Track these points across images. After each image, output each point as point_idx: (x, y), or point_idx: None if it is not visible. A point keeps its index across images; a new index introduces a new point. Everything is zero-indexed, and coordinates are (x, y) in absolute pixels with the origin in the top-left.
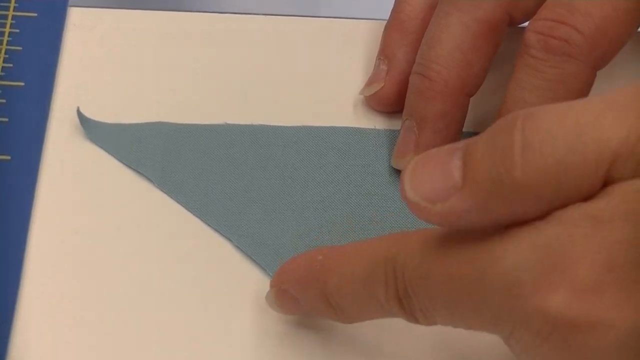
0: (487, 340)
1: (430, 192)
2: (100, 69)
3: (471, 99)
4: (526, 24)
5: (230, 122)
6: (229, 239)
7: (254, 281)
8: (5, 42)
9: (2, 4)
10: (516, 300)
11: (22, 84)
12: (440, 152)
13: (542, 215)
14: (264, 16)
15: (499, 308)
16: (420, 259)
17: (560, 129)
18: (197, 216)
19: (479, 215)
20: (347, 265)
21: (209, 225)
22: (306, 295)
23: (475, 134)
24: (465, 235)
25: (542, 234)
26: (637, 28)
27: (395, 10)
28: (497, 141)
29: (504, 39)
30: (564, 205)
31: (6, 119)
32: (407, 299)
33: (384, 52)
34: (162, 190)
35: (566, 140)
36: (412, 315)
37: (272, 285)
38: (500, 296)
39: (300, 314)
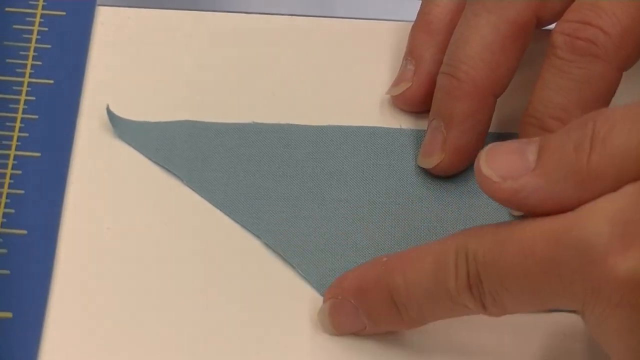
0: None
1: (504, 169)
2: (128, 67)
3: (497, 99)
4: (553, 25)
5: (257, 121)
6: (258, 237)
7: (283, 278)
8: (34, 41)
9: (30, 3)
10: (588, 266)
11: (52, 81)
12: (517, 141)
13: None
14: (291, 17)
15: (572, 277)
16: (493, 240)
17: (626, 122)
18: (225, 214)
19: (546, 195)
20: (415, 261)
21: (237, 222)
22: (368, 300)
23: (501, 135)
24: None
25: (614, 203)
26: None
27: (422, 12)
28: (571, 133)
29: (531, 41)
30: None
31: (36, 116)
32: (477, 285)
33: (412, 53)
34: (190, 188)
35: (631, 130)
36: (481, 303)
37: (327, 298)
38: (573, 264)
39: (355, 329)
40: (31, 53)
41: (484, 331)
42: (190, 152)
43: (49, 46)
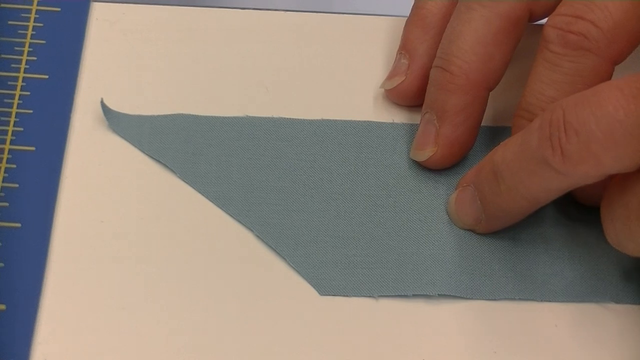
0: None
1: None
2: (122, 62)
3: (490, 93)
4: (545, 20)
5: (251, 115)
6: (250, 229)
7: (275, 270)
8: (29, 36)
9: None
10: None
11: (46, 76)
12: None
13: None
14: (284, 12)
15: None
16: (576, 98)
17: None
18: (218, 206)
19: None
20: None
21: (230, 215)
22: (480, 178)
23: (494, 128)
24: None
25: None
26: None
27: (416, 6)
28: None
29: (523, 35)
30: None
31: (30, 111)
32: (558, 134)
33: (405, 47)
34: (183, 181)
35: None
36: (561, 154)
37: (456, 189)
38: None
39: (473, 216)
40: (26, 48)
41: (476, 321)
42: (183, 145)
43: (44, 42)
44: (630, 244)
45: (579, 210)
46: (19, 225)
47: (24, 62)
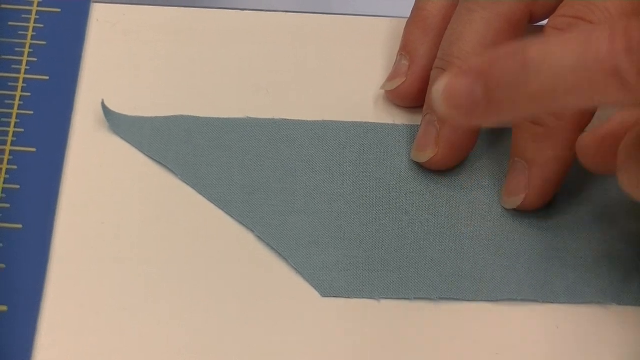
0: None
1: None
2: (123, 63)
3: None
4: (546, 21)
5: (251, 116)
6: (251, 230)
7: (276, 272)
8: (29, 37)
9: (26, 0)
10: None
11: (47, 77)
12: None
13: None
14: (285, 13)
15: None
16: None
17: None
18: (219, 207)
19: None
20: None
21: (231, 216)
22: (497, 68)
23: (495, 129)
24: None
25: None
26: None
27: (417, 7)
28: None
29: (524, 36)
30: None
31: (31, 112)
32: (639, 47)
33: (406, 48)
34: (185, 182)
35: None
36: (638, 70)
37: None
38: None
39: (469, 103)
40: (27, 49)
41: (477, 323)
42: (184, 146)
43: (45, 43)
44: None
45: (580, 211)
46: (20, 226)
47: (24, 63)
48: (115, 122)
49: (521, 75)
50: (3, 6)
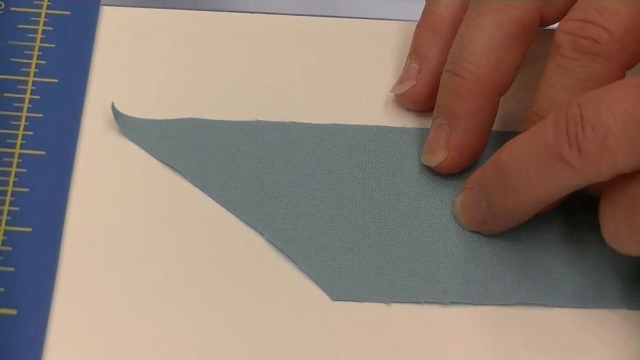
0: None
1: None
2: (132, 66)
3: (501, 98)
4: (556, 25)
5: (261, 119)
6: (261, 234)
7: (286, 275)
8: (38, 40)
9: (35, 2)
10: None
11: (56, 80)
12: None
13: None
14: (293, 16)
15: None
16: (592, 95)
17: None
18: (229, 211)
19: None
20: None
21: (241, 219)
22: (484, 178)
23: (505, 133)
24: None
25: None
26: None
27: (426, 10)
28: None
29: (534, 40)
30: None
31: (40, 115)
32: (575, 130)
33: (416, 51)
34: (194, 185)
35: None
36: (578, 150)
37: (461, 191)
38: None
39: (479, 218)
40: (36, 52)
41: (487, 326)
42: (194, 149)
43: (54, 45)
44: (629, 242)
45: (590, 214)
46: (29, 229)
47: (33, 65)
48: (124, 124)
49: (500, 180)
50: (12, 9)
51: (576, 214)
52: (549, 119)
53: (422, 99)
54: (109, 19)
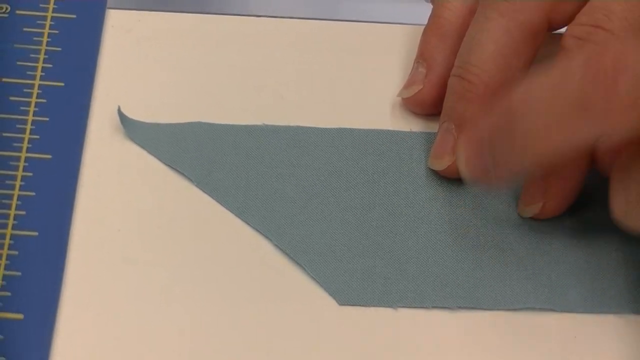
0: None
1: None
2: (138, 70)
3: None
4: (564, 29)
5: (267, 123)
6: (268, 238)
7: (293, 279)
8: (44, 43)
9: (41, 6)
10: None
11: (62, 84)
12: None
13: None
14: (298, 20)
15: None
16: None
17: None
18: (235, 215)
19: None
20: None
21: (247, 224)
22: (489, 122)
23: None
24: None
25: None
26: None
27: (434, 15)
28: None
29: (542, 44)
30: None
31: (46, 119)
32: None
33: (423, 55)
34: (201, 190)
35: None
36: (613, 94)
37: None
38: None
39: (482, 165)
40: (42, 56)
41: (495, 332)
42: (200, 153)
43: (60, 49)
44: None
45: (597, 220)
46: (35, 233)
47: (39, 69)
48: (131, 128)
49: (509, 124)
50: (18, 12)
51: (584, 219)
52: (576, 59)
53: (429, 102)
54: (115, 22)
